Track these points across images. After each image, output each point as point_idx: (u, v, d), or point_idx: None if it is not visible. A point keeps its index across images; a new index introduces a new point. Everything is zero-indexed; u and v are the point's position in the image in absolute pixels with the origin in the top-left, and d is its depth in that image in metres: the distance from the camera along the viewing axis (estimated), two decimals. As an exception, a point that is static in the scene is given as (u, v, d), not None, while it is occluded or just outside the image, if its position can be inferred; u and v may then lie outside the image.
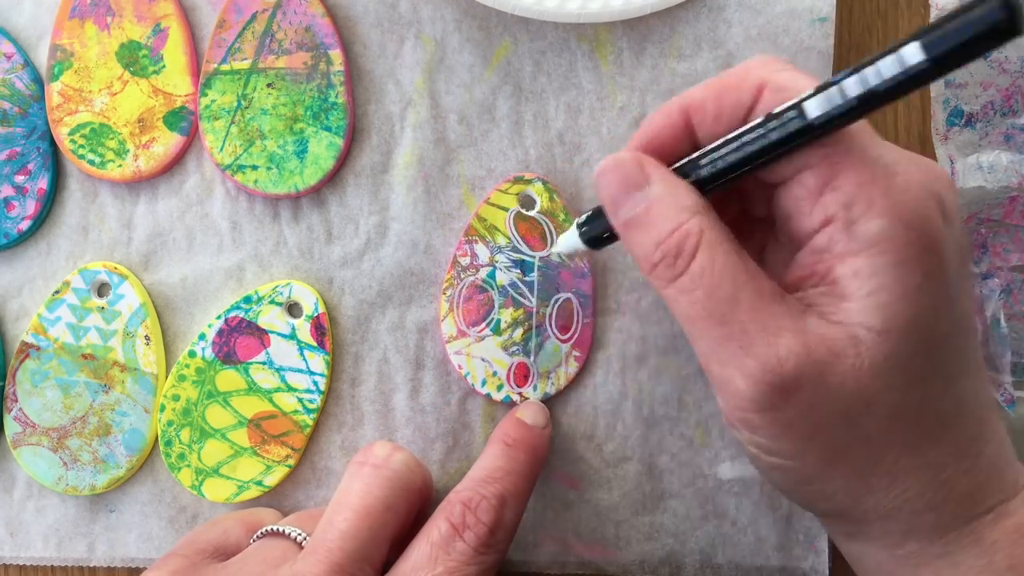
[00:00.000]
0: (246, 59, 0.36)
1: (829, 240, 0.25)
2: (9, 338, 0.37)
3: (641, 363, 0.35)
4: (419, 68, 0.36)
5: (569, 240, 0.31)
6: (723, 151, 0.26)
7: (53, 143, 0.36)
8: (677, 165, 0.28)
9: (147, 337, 0.36)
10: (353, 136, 0.36)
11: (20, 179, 0.36)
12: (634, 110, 0.35)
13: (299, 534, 0.31)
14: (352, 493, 0.31)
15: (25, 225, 0.36)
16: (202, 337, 0.36)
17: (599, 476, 0.36)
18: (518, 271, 0.35)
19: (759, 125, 0.25)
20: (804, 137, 0.25)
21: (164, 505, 0.36)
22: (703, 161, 0.27)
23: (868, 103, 0.23)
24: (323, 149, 0.35)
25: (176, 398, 0.35)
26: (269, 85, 0.35)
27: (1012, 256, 0.36)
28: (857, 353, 0.24)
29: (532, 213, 0.35)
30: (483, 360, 0.35)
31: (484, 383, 0.35)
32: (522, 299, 0.35)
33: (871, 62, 0.23)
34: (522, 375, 0.35)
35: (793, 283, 0.26)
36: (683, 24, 0.35)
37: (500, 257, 0.35)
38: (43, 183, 0.36)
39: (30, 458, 0.36)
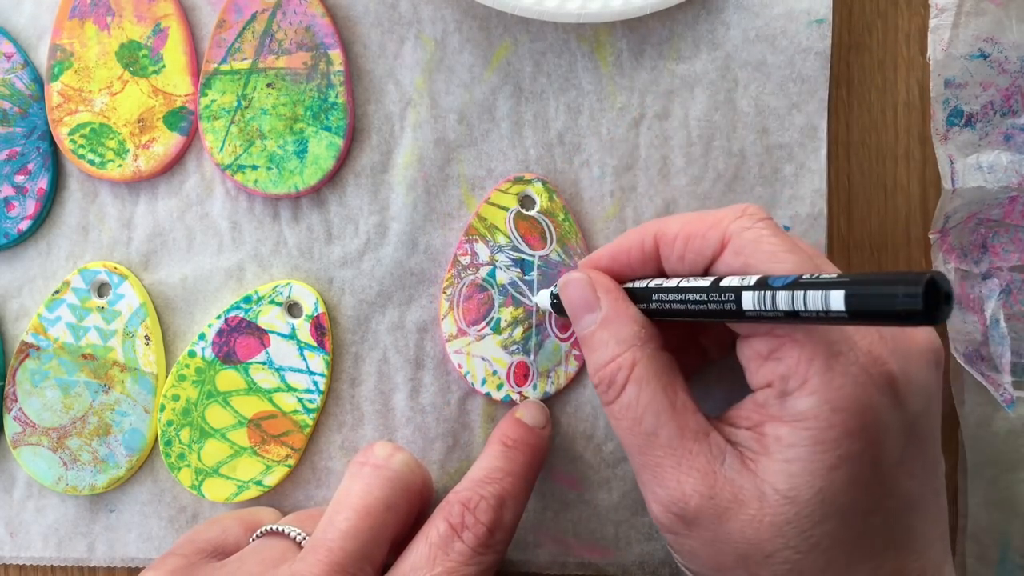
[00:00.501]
0: (246, 59, 0.36)
1: (766, 400, 0.27)
2: (9, 338, 0.37)
3: (641, 363, 0.35)
4: (419, 68, 0.36)
5: (542, 300, 0.34)
6: (672, 296, 0.28)
7: (53, 143, 0.37)
8: (633, 287, 0.30)
9: (147, 337, 0.36)
10: (353, 136, 0.36)
11: (20, 179, 0.36)
12: (633, 111, 0.35)
13: (298, 534, 0.31)
14: (352, 493, 0.31)
15: (25, 225, 0.36)
16: (202, 337, 0.36)
17: (599, 476, 0.36)
18: (518, 270, 0.35)
19: (704, 290, 0.27)
20: (740, 318, 0.26)
21: (164, 505, 0.36)
22: (655, 296, 0.29)
23: (792, 319, 0.24)
24: (323, 149, 0.35)
25: (176, 398, 0.35)
26: (269, 85, 0.36)
27: (1012, 256, 0.36)
28: (760, 507, 0.26)
29: (532, 213, 0.35)
30: (483, 359, 0.35)
31: (484, 382, 0.35)
32: (522, 298, 0.35)
33: (805, 286, 0.23)
34: (522, 374, 0.35)
35: (734, 418, 0.28)
36: (682, 26, 0.35)
37: (500, 256, 0.35)
38: (43, 183, 0.36)
39: (30, 458, 0.36)
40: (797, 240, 0.29)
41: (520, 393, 0.35)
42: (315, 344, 0.36)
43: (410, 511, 0.32)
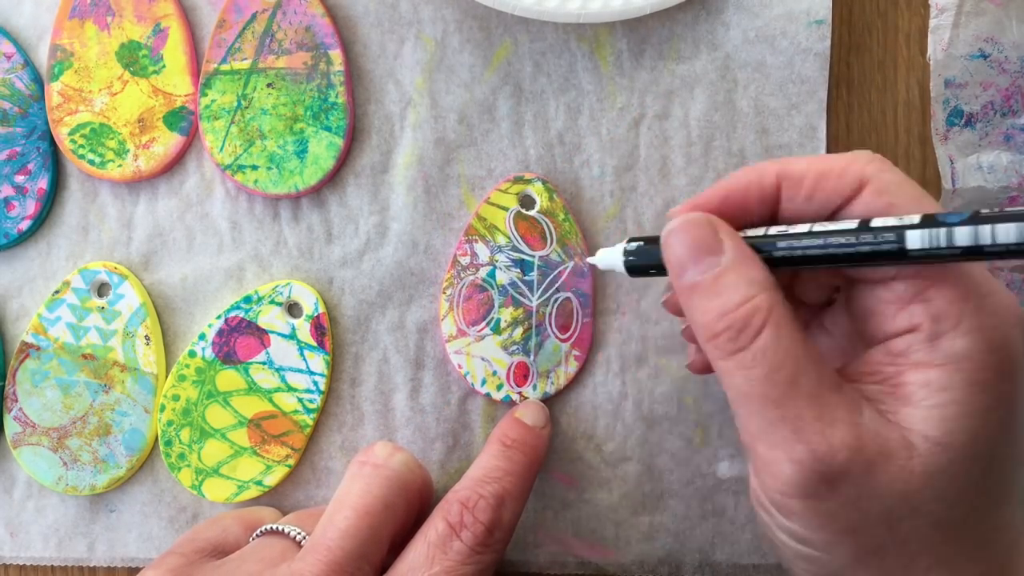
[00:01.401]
0: (246, 59, 0.36)
1: (908, 347, 0.25)
2: (9, 338, 0.37)
3: (641, 363, 0.35)
4: (419, 68, 0.36)
5: (610, 259, 0.30)
6: (806, 241, 0.26)
7: (53, 143, 0.37)
8: (750, 236, 0.27)
9: (147, 337, 0.36)
10: (353, 136, 0.36)
11: (20, 179, 0.36)
12: (633, 111, 0.35)
13: (298, 533, 0.31)
14: (352, 492, 0.31)
15: (25, 225, 0.36)
16: (202, 337, 0.36)
17: (599, 476, 0.36)
18: (518, 270, 0.35)
19: (853, 232, 0.25)
20: (896, 260, 0.25)
21: (164, 505, 0.36)
22: (781, 243, 0.27)
23: (972, 255, 0.23)
24: (323, 149, 0.35)
25: (176, 398, 0.35)
26: (269, 85, 0.36)
27: (1012, 256, 0.36)
28: (909, 457, 0.24)
29: (532, 213, 0.35)
30: (483, 359, 0.35)
31: (484, 382, 0.35)
32: (522, 298, 0.35)
33: (989, 219, 0.22)
34: (522, 374, 0.35)
35: (852, 375, 0.26)
36: (682, 26, 0.35)
37: (500, 256, 0.35)
38: (43, 183, 0.36)
39: (30, 458, 0.36)
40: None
41: (520, 393, 0.35)
42: (315, 344, 0.36)
43: (409, 511, 0.32)
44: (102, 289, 0.36)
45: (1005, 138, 0.35)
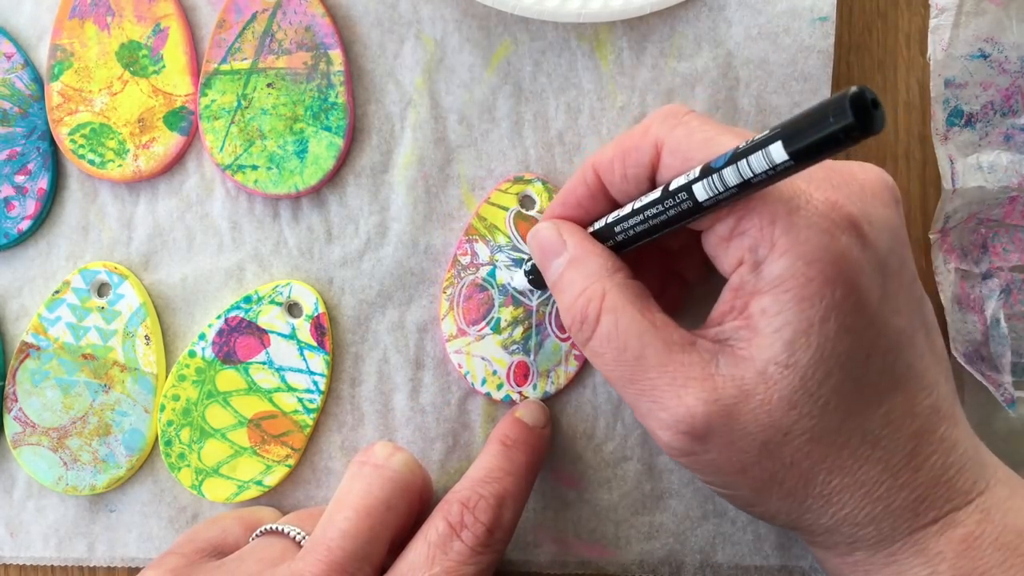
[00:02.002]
0: (246, 59, 0.36)
1: (741, 280, 0.26)
2: (9, 338, 0.37)
3: (641, 363, 0.35)
4: (419, 68, 0.36)
5: (520, 280, 0.34)
6: (631, 221, 0.28)
7: (53, 143, 0.37)
8: (595, 229, 0.30)
9: (147, 337, 0.36)
10: (353, 136, 0.36)
11: (20, 179, 0.36)
12: (634, 110, 0.35)
13: (298, 533, 0.31)
14: (352, 492, 0.31)
15: (25, 225, 0.36)
16: (202, 337, 0.36)
17: (599, 476, 0.36)
18: (518, 270, 0.35)
19: (658, 201, 0.27)
20: (699, 212, 0.26)
21: (164, 505, 0.36)
22: (617, 229, 0.29)
23: (746, 189, 0.24)
24: (323, 149, 0.35)
25: (176, 398, 0.35)
26: (269, 85, 0.36)
27: (1012, 256, 0.36)
28: (767, 388, 0.25)
29: (532, 212, 0.35)
30: (483, 359, 0.35)
31: (484, 382, 0.35)
32: (522, 298, 0.35)
33: (744, 153, 0.24)
34: (522, 374, 0.35)
35: (718, 317, 0.27)
36: (683, 24, 0.35)
37: (500, 256, 0.35)
38: (43, 183, 0.36)
39: (30, 458, 0.36)
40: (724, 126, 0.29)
41: (520, 393, 0.35)
42: (315, 344, 0.36)
43: (410, 511, 0.32)
44: (102, 289, 0.36)
45: (1005, 138, 0.35)
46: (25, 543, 0.37)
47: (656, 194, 0.27)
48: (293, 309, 0.36)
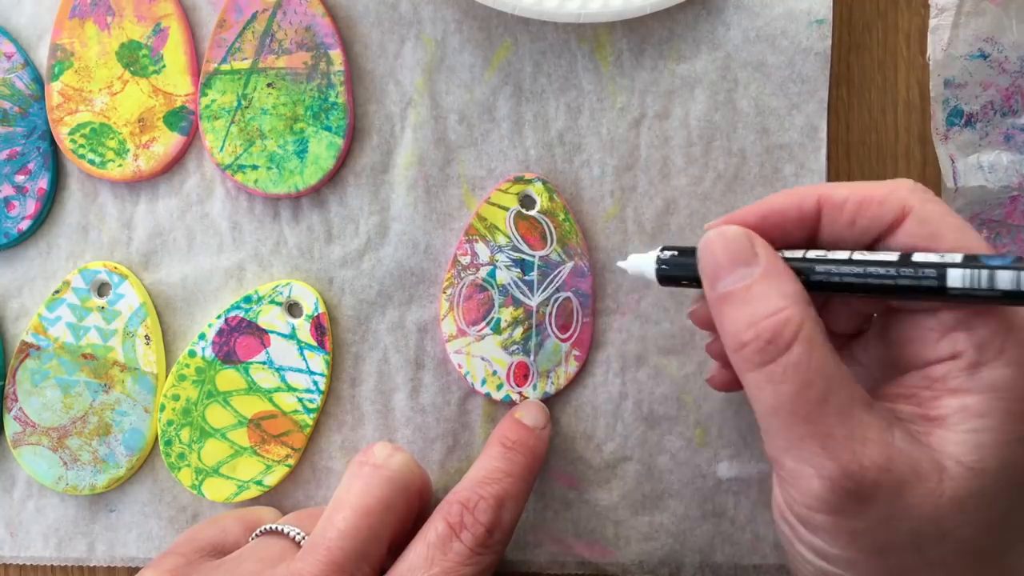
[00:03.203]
0: (246, 59, 0.36)
1: (947, 373, 0.25)
2: (9, 338, 0.37)
3: (641, 363, 0.35)
4: (419, 68, 0.36)
5: (641, 265, 0.31)
6: (845, 269, 0.26)
7: (53, 143, 0.37)
8: (790, 256, 0.27)
9: (147, 337, 0.36)
10: (353, 136, 0.36)
11: (20, 179, 0.36)
12: (634, 111, 0.35)
13: (297, 533, 0.31)
14: (352, 492, 0.31)
15: (25, 225, 0.36)
16: (202, 337, 0.36)
17: (599, 476, 0.36)
18: (518, 270, 0.35)
19: (894, 264, 0.25)
20: (935, 296, 0.25)
21: (164, 505, 0.36)
22: (819, 267, 0.27)
23: (1013, 299, 0.23)
24: (323, 149, 0.35)
25: (176, 398, 0.35)
26: (269, 85, 0.36)
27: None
28: (940, 480, 0.24)
29: (532, 213, 0.35)
30: (483, 359, 0.35)
31: (484, 382, 0.35)
32: (522, 298, 0.35)
33: None
34: (522, 374, 0.35)
35: (885, 396, 0.26)
36: (682, 26, 0.35)
37: (500, 256, 0.35)
38: (43, 183, 0.36)
39: (30, 458, 0.36)
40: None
41: (520, 393, 0.35)
42: (315, 344, 0.36)
43: (409, 511, 0.32)
44: (102, 289, 0.36)
45: (1005, 138, 0.35)
46: (25, 543, 0.37)
47: (893, 256, 0.26)
48: (293, 309, 0.36)
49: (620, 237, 0.35)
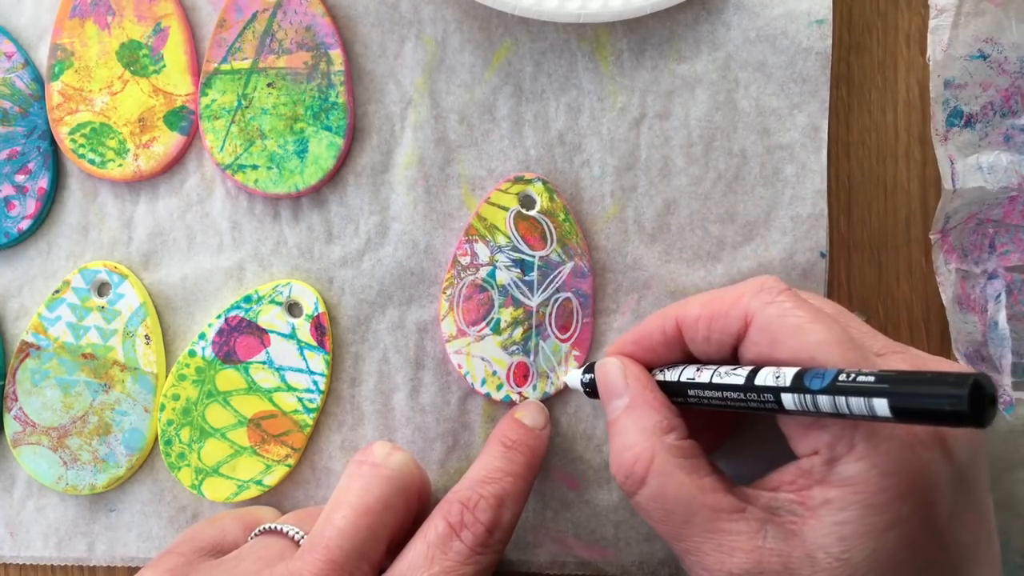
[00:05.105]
0: (246, 59, 0.36)
1: (812, 467, 0.26)
2: (9, 337, 0.37)
3: (641, 363, 0.35)
4: (420, 68, 0.36)
5: (573, 381, 0.34)
6: (707, 393, 0.28)
7: (53, 142, 0.37)
8: (666, 379, 0.30)
9: (147, 336, 0.36)
10: (353, 136, 0.36)
11: (20, 178, 0.36)
12: (634, 111, 0.35)
13: (297, 532, 0.31)
14: (351, 491, 0.31)
15: (25, 224, 0.36)
16: (202, 336, 0.36)
17: (598, 476, 0.36)
18: (518, 270, 0.35)
19: (741, 389, 0.27)
20: (780, 412, 0.26)
21: (164, 504, 0.36)
22: (691, 392, 0.29)
23: (836, 417, 0.24)
24: (323, 149, 0.35)
25: (176, 397, 0.35)
26: (269, 85, 0.36)
27: (1012, 256, 0.36)
28: (812, 571, 0.25)
29: (532, 213, 0.35)
30: (483, 359, 0.35)
31: (484, 382, 0.35)
32: (522, 298, 0.35)
33: (845, 391, 0.24)
34: (522, 374, 0.35)
35: (776, 483, 0.28)
36: (682, 27, 0.35)
37: (500, 256, 0.35)
38: (43, 182, 0.36)
39: (30, 457, 0.36)
40: (817, 300, 0.30)
41: (520, 393, 0.35)
42: (315, 344, 0.36)
43: (408, 511, 0.32)
44: (102, 288, 0.36)
45: (1005, 138, 0.35)
46: (25, 542, 0.37)
47: (740, 380, 0.27)
48: (293, 309, 0.36)
49: (620, 237, 0.35)
